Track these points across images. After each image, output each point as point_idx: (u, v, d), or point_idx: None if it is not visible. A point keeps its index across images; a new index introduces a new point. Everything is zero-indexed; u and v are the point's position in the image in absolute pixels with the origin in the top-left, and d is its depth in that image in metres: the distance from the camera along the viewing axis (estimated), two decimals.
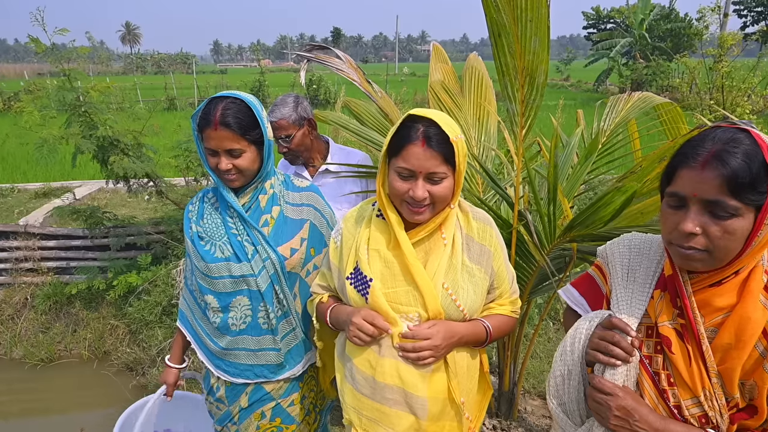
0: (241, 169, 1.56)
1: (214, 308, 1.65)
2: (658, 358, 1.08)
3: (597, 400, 1.06)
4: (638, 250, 1.18)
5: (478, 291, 1.35)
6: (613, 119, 2.49)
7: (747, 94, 6.96)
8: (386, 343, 1.32)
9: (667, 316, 1.08)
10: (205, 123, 1.51)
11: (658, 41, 24.45)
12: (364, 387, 1.36)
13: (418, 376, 1.30)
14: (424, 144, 1.21)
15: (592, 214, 1.77)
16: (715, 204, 0.94)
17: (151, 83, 26.58)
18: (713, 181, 0.93)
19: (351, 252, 1.40)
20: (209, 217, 1.66)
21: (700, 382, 1.02)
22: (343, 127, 2.53)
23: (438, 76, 2.73)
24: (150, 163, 4.21)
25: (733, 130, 0.96)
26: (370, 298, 1.32)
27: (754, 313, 0.98)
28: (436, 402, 1.32)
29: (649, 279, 1.13)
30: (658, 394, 1.07)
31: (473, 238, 1.38)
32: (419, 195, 1.24)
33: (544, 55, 1.67)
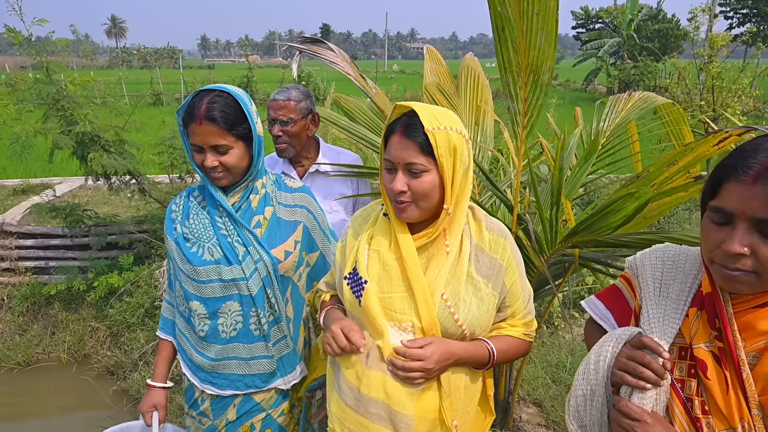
0: (228, 166, 1.46)
1: (200, 315, 1.54)
2: (692, 382, 0.99)
3: (623, 425, 0.97)
4: (672, 263, 1.09)
5: (483, 308, 1.24)
6: (613, 119, 2.42)
7: (737, 95, 6.98)
8: (374, 355, 1.23)
9: (703, 338, 0.99)
10: (189, 117, 1.42)
11: (646, 42, 24.62)
12: (349, 398, 1.27)
13: (406, 393, 1.21)
14: (401, 134, 1.17)
15: (599, 220, 1.69)
16: (766, 223, 0.85)
17: (136, 78, 26.18)
18: (766, 198, 0.84)
19: (353, 251, 1.32)
20: (196, 216, 1.55)
21: (738, 412, 0.93)
22: (333, 123, 2.43)
23: (433, 78, 2.65)
24: (132, 159, 4.08)
25: None
26: (363, 300, 1.23)
27: None
28: (424, 422, 1.22)
29: (684, 295, 1.04)
30: (690, 422, 0.98)
31: (483, 249, 1.27)
32: (397, 187, 1.17)
33: (550, 51, 1.58)
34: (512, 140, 1.99)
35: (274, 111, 2.14)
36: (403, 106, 1.20)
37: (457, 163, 1.18)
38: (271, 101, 2.15)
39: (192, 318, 1.55)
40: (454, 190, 1.20)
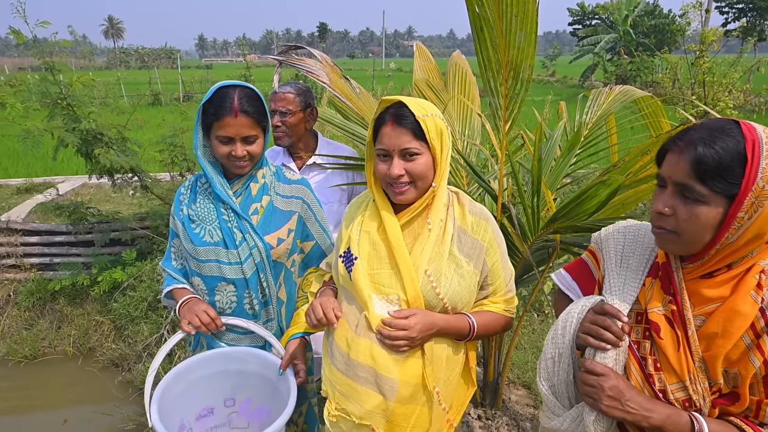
0: (253, 155, 1.61)
1: (201, 290, 1.69)
2: (646, 343, 1.10)
3: (589, 382, 1.08)
4: (633, 237, 1.21)
5: (464, 284, 1.36)
6: (595, 112, 2.53)
7: (728, 89, 7.08)
8: (362, 324, 1.35)
9: (657, 302, 1.10)
10: (221, 111, 1.53)
11: (642, 37, 24.70)
12: (340, 363, 1.39)
13: (391, 359, 1.33)
14: (393, 123, 1.30)
15: (576, 207, 1.80)
16: (684, 187, 0.98)
17: (135, 78, 26.25)
18: (684, 165, 0.97)
19: (347, 233, 1.45)
20: (202, 201, 1.68)
21: (686, 367, 1.04)
22: (327, 121, 2.54)
23: (422, 74, 2.76)
24: (135, 157, 4.17)
25: (727, 121, 0.99)
26: (352, 274, 1.37)
27: (743, 307, 1.00)
28: (407, 386, 1.34)
29: (642, 266, 1.16)
30: (644, 378, 1.09)
31: (466, 231, 1.39)
32: (395, 172, 1.30)
33: (530, 50, 1.69)
34: (495, 134, 2.10)
35: (274, 102, 2.29)
36: (388, 100, 1.33)
37: (444, 145, 1.33)
38: (273, 93, 2.31)
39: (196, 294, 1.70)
40: (441, 169, 1.35)
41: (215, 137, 1.57)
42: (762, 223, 0.95)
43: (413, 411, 1.37)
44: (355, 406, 1.37)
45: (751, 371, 1.00)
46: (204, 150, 1.63)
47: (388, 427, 1.37)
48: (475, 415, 2.69)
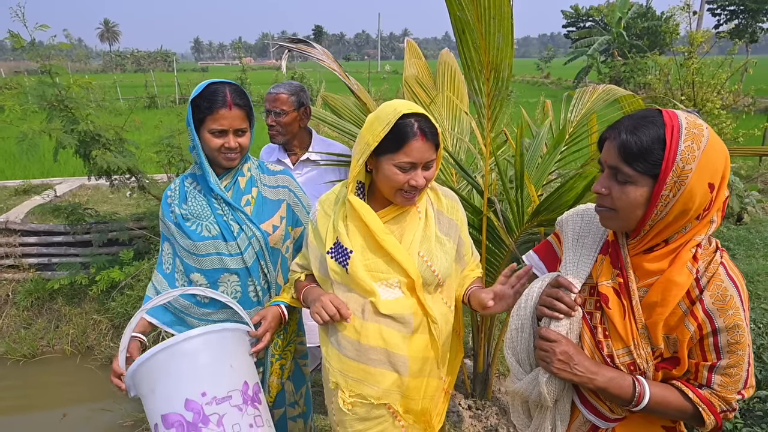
0: (243, 147, 1.70)
1: (203, 285, 1.72)
2: (597, 313, 1.22)
3: (543, 347, 1.20)
4: (589, 219, 1.31)
5: (449, 258, 1.50)
6: (579, 111, 2.62)
7: (717, 90, 7.19)
8: (369, 309, 1.43)
9: (606, 276, 1.21)
10: (214, 104, 1.61)
11: (636, 39, 24.88)
12: (349, 350, 1.46)
13: (400, 337, 1.43)
14: (423, 138, 1.35)
15: (557, 200, 1.88)
16: (615, 169, 1.10)
17: (131, 81, 26.26)
18: (613, 149, 1.10)
19: (329, 229, 1.51)
20: (194, 199, 1.74)
21: (631, 334, 1.16)
22: (320, 119, 2.62)
23: (412, 71, 2.83)
24: (132, 158, 4.24)
25: (652, 110, 1.10)
26: (350, 268, 1.43)
27: (679, 277, 1.11)
28: (416, 360, 1.45)
29: (595, 244, 1.27)
30: (594, 345, 1.20)
31: (443, 212, 1.54)
32: (422, 183, 1.38)
33: (508, 50, 1.77)
34: (480, 131, 2.18)
35: (269, 103, 2.38)
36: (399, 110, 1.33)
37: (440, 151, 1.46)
38: (267, 94, 2.39)
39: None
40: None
41: (208, 131, 1.64)
42: (686, 199, 1.05)
43: (423, 383, 1.49)
44: (372, 389, 1.45)
45: (687, 335, 1.11)
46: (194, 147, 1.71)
47: (404, 402, 1.48)
48: (466, 405, 2.77)
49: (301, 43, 2.32)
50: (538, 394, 1.23)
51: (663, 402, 1.14)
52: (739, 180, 6.28)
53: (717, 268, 1.12)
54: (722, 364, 1.11)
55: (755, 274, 4.64)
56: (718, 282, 1.10)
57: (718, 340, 1.10)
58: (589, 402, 1.24)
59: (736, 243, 5.57)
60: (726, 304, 1.09)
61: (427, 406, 1.51)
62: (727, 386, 1.13)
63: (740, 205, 6.15)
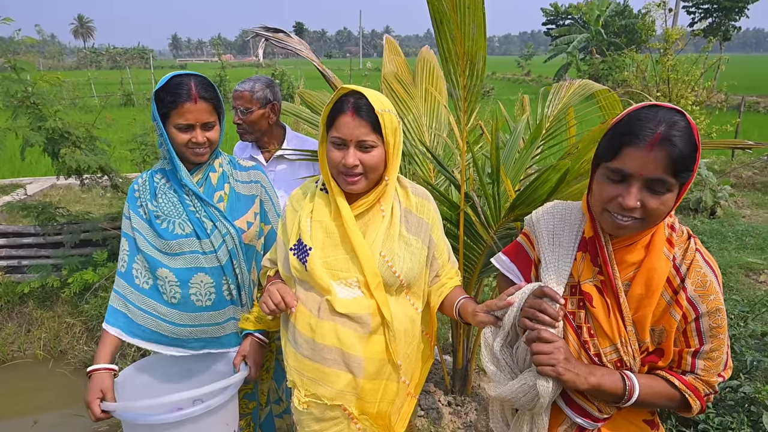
0: (212, 141, 1.64)
1: (171, 282, 1.64)
2: (581, 313, 1.20)
3: (543, 350, 1.14)
4: (561, 217, 1.29)
5: (415, 260, 1.44)
6: (556, 105, 2.62)
7: (691, 86, 7.32)
8: (325, 308, 1.39)
9: (588, 275, 1.19)
10: (179, 98, 1.55)
11: (613, 37, 25.24)
12: (305, 349, 1.43)
13: (356, 337, 1.38)
14: (353, 113, 1.33)
15: (532, 193, 1.87)
16: (657, 181, 1.03)
17: (106, 78, 25.77)
18: (660, 162, 1.02)
19: (294, 225, 1.48)
20: (164, 196, 1.68)
21: (617, 331, 1.14)
22: (295, 115, 2.57)
23: (391, 67, 2.81)
24: (104, 156, 4.13)
25: (672, 111, 1.05)
26: (308, 264, 1.40)
27: (659, 264, 1.11)
28: (373, 362, 1.40)
29: (572, 242, 1.24)
30: (580, 345, 1.19)
31: (411, 211, 1.48)
32: (350, 161, 1.34)
33: (481, 41, 1.75)
34: (456, 125, 2.16)
35: (234, 100, 2.32)
36: (347, 88, 1.37)
37: (397, 141, 1.41)
38: (234, 91, 2.33)
39: (161, 287, 1.65)
40: (393, 163, 1.42)
41: (173, 126, 1.58)
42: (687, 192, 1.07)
43: (380, 386, 1.44)
44: (326, 389, 1.41)
45: (674, 325, 1.11)
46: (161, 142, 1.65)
47: (359, 404, 1.43)
48: (445, 402, 2.75)
49: (279, 32, 2.27)
50: (532, 398, 1.18)
51: (651, 393, 1.14)
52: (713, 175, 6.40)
53: (694, 255, 1.12)
54: (705, 349, 1.12)
55: (727, 266, 4.73)
56: (698, 269, 1.11)
57: (700, 325, 1.11)
58: (576, 404, 1.22)
59: (710, 236, 5.67)
60: (707, 289, 1.10)
61: (385, 409, 1.46)
62: (710, 370, 1.14)
63: (713, 200, 6.26)
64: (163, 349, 1.69)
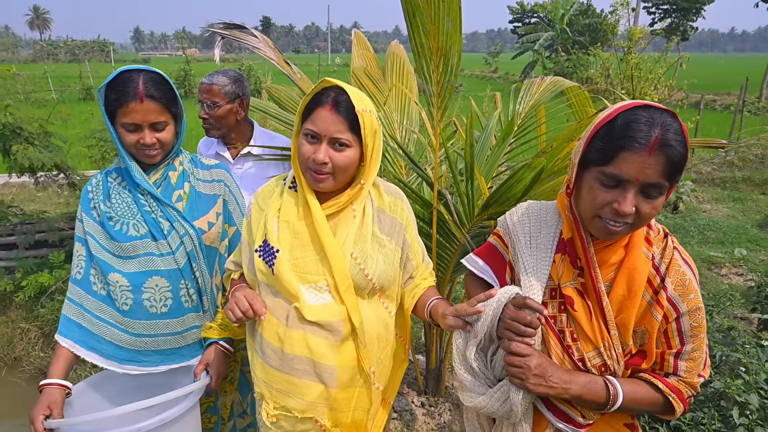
0: (164, 143, 1.53)
1: (123, 287, 1.53)
2: (562, 317, 1.16)
3: (515, 363, 1.11)
4: (537, 217, 1.25)
5: (389, 262, 1.37)
6: (527, 102, 2.60)
7: (653, 84, 7.51)
8: (293, 315, 1.32)
9: (568, 277, 1.16)
10: (124, 96, 1.44)
11: (578, 35, 25.76)
12: (273, 360, 1.35)
13: (327, 346, 1.32)
14: (332, 108, 1.25)
15: (506, 191, 1.84)
16: (653, 186, 1.00)
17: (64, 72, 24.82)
18: (659, 167, 0.97)
19: (260, 225, 1.39)
20: (118, 196, 1.58)
21: (600, 335, 1.11)
22: (262, 111, 2.48)
23: (360, 62, 2.75)
24: (60, 153, 3.95)
25: (665, 113, 1.01)
26: (275, 267, 1.32)
27: (639, 263, 1.09)
28: (345, 370, 1.34)
29: (549, 243, 1.20)
30: (563, 350, 1.15)
31: (384, 210, 1.42)
32: (320, 157, 1.26)
33: (456, 35, 1.71)
34: (429, 121, 2.12)
35: (201, 94, 2.21)
36: (329, 81, 1.29)
37: (376, 144, 1.33)
38: (200, 84, 2.21)
39: (112, 293, 1.55)
40: (371, 166, 1.34)
41: (120, 125, 1.48)
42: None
43: (353, 394, 1.38)
44: (296, 401, 1.34)
45: (656, 326, 1.09)
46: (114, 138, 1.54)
47: (332, 415, 1.36)
48: (419, 403, 2.72)
49: (236, 29, 2.17)
50: (508, 410, 1.15)
51: (635, 399, 1.12)
52: None
53: (672, 253, 1.11)
54: (687, 349, 1.11)
55: None
56: (677, 267, 1.10)
57: (681, 324, 1.10)
58: (559, 410, 1.18)
59: (673, 230, 5.83)
60: (686, 288, 1.09)
61: (360, 418, 1.40)
62: (692, 371, 1.13)
63: (676, 195, 6.44)
64: (118, 367, 1.58)
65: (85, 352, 1.56)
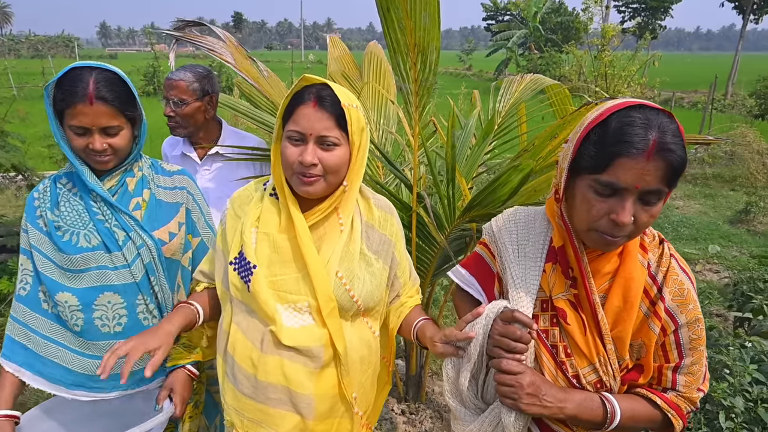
0: (117, 149, 1.39)
1: (72, 307, 1.40)
2: (555, 330, 1.08)
3: (506, 382, 1.03)
4: (524, 224, 1.17)
5: (375, 282, 1.27)
6: (507, 100, 2.54)
7: (627, 82, 7.60)
8: (268, 339, 1.21)
9: (560, 288, 1.08)
10: (72, 97, 1.30)
11: (551, 33, 26.05)
12: (246, 387, 1.24)
13: (305, 373, 1.21)
14: (315, 104, 1.15)
15: (490, 194, 1.77)
16: (652, 193, 0.92)
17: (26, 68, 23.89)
18: (658, 172, 0.90)
19: (236, 234, 1.28)
20: (67, 204, 1.43)
21: (594, 349, 1.04)
22: (232, 108, 2.36)
23: (337, 66, 2.67)
24: (17, 153, 3.74)
25: (660, 113, 0.93)
26: (251, 285, 1.20)
27: (635, 272, 1.02)
28: (324, 399, 1.24)
29: (538, 252, 1.12)
30: (556, 366, 1.07)
31: (374, 226, 1.31)
32: (308, 159, 1.15)
33: (435, 31, 1.62)
34: (407, 121, 2.04)
35: (167, 90, 2.07)
36: (311, 78, 1.18)
37: (363, 142, 1.22)
38: (166, 80, 2.07)
39: (62, 314, 1.42)
40: (356, 167, 1.23)
41: (68, 127, 1.35)
42: None
43: (332, 425, 1.27)
44: None
45: (653, 339, 1.03)
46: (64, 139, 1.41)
47: None
48: (399, 411, 2.64)
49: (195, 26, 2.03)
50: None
51: (633, 416, 1.05)
52: None
53: (670, 262, 1.05)
54: (686, 363, 1.05)
55: None
56: (674, 276, 1.04)
57: (679, 337, 1.04)
58: (553, 431, 1.11)
59: None
60: (685, 299, 1.03)
61: None
62: (691, 385, 1.06)
63: None
64: (66, 393, 1.44)
65: (32, 376, 1.42)
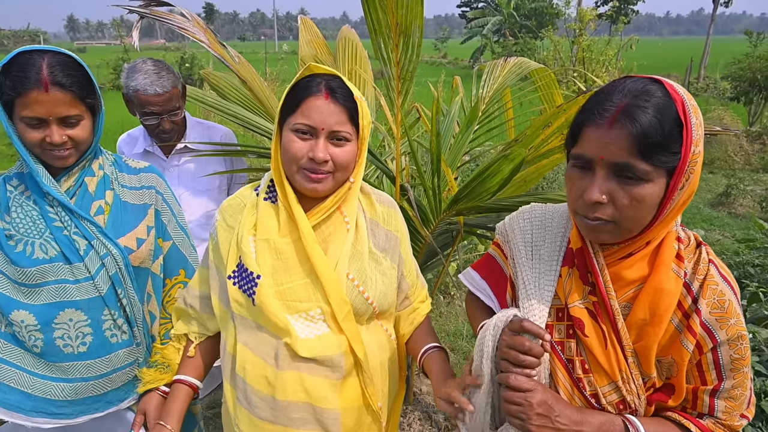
0: (78, 141, 1.25)
1: (29, 327, 1.26)
2: (571, 343, 0.96)
3: (515, 400, 0.91)
4: (540, 223, 1.06)
5: (387, 282, 1.19)
6: (491, 85, 2.43)
7: (604, 66, 7.59)
8: (284, 354, 1.10)
9: (578, 295, 0.96)
10: (23, 83, 1.15)
11: (525, 20, 26.05)
12: (263, 410, 1.12)
13: (327, 385, 1.11)
14: (328, 96, 1.06)
15: (479, 185, 1.66)
16: (623, 167, 0.82)
17: None
18: (622, 141, 0.80)
19: (232, 246, 1.17)
20: (20, 209, 1.28)
21: (617, 365, 0.92)
22: (198, 100, 2.20)
23: (309, 50, 2.51)
24: None
25: (644, 80, 0.84)
26: (257, 298, 1.09)
27: (668, 284, 0.89)
28: (351, 412, 1.14)
29: (555, 255, 1.01)
30: (572, 383, 0.96)
31: (378, 222, 1.23)
32: (320, 156, 1.06)
33: (418, 8, 1.50)
34: (389, 107, 1.91)
35: (158, 106, 1.84)
36: (318, 68, 1.10)
37: (367, 137, 1.16)
38: (153, 95, 1.81)
39: (18, 334, 1.27)
40: (361, 162, 1.17)
41: (20, 119, 1.20)
42: (692, 190, 0.85)
43: None
44: None
45: (686, 357, 0.89)
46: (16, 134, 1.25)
47: None
48: None
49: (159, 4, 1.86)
50: None
51: None
52: None
53: (708, 268, 0.91)
54: (726, 386, 0.91)
55: None
56: (713, 286, 0.89)
57: (719, 356, 0.89)
58: None
59: None
60: (726, 312, 0.88)
61: None
62: (732, 411, 0.92)
63: None
64: (25, 420, 1.30)
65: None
